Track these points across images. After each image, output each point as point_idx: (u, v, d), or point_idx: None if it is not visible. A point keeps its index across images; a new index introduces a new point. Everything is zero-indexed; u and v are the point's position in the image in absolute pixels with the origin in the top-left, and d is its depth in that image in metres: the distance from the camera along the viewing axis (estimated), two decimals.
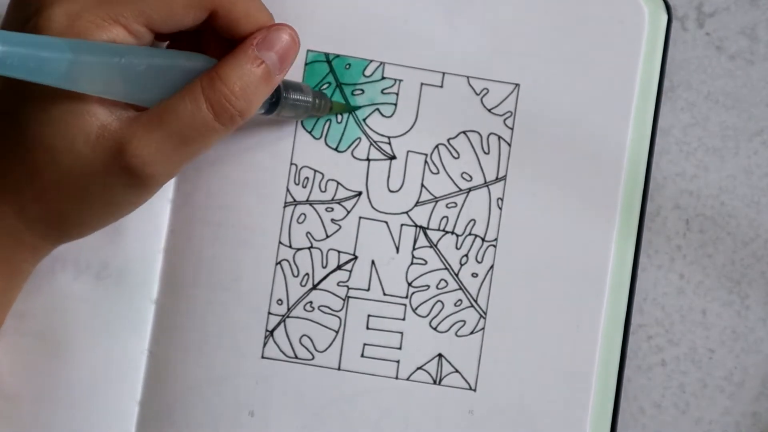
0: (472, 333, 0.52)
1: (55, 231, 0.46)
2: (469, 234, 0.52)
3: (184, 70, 0.44)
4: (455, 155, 0.53)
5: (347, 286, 0.52)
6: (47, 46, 0.40)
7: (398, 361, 0.52)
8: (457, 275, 0.52)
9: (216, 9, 0.45)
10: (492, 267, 0.52)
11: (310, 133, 0.52)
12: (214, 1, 0.45)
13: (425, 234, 0.52)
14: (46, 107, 0.43)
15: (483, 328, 0.52)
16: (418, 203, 0.52)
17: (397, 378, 0.52)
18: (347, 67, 0.52)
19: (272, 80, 0.46)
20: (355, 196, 0.52)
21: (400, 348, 0.52)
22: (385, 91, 0.53)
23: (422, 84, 0.52)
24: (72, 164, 0.44)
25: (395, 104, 0.53)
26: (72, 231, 0.47)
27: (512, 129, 0.53)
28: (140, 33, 0.44)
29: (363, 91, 0.53)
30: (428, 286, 0.52)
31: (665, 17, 0.53)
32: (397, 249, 0.52)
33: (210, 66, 0.45)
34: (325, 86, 0.52)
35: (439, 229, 0.52)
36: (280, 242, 0.52)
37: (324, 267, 0.52)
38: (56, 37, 0.42)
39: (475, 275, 0.52)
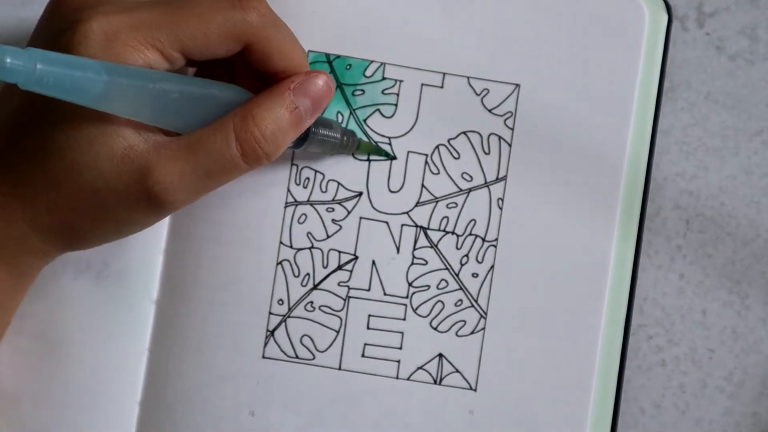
0: (472, 333, 0.52)
1: (63, 241, 0.46)
2: (470, 234, 0.52)
3: (216, 101, 0.45)
4: (456, 155, 0.53)
5: (348, 286, 0.52)
6: (84, 67, 0.41)
7: (399, 361, 0.52)
8: (457, 275, 0.52)
9: (251, 42, 0.45)
10: (492, 267, 0.52)
11: None
12: (249, 34, 0.45)
13: (426, 234, 0.52)
14: (74, 122, 0.43)
15: (483, 328, 0.52)
16: (418, 203, 0.53)
17: (397, 378, 0.52)
18: (348, 67, 0.52)
19: (302, 125, 0.46)
20: (355, 196, 0.52)
21: (400, 348, 0.52)
22: (386, 92, 0.53)
23: (422, 84, 0.53)
24: (92, 180, 0.44)
25: (396, 105, 0.53)
26: (80, 243, 0.47)
27: (512, 129, 0.53)
28: (174, 59, 0.44)
29: (363, 91, 0.53)
30: (429, 286, 0.52)
31: (665, 17, 0.53)
32: (398, 249, 0.52)
33: (242, 98, 0.45)
34: None
35: (439, 230, 0.52)
36: (280, 242, 0.52)
37: (325, 267, 0.52)
38: (93, 59, 0.42)
39: (475, 275, 0.52)
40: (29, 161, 0.45)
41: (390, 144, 0.53)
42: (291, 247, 0.52)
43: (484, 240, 0.52)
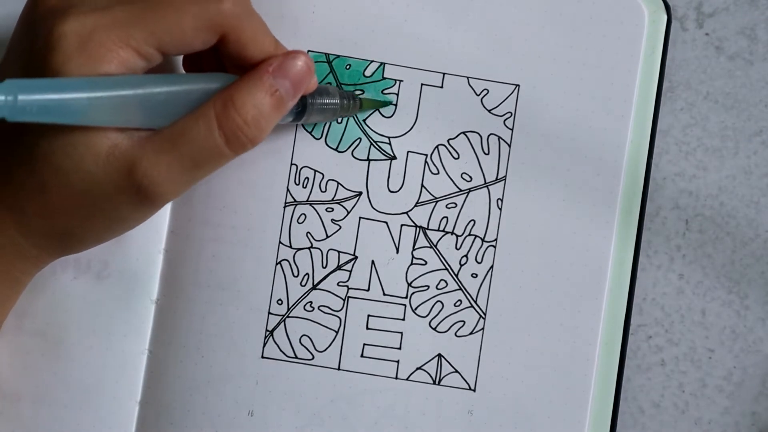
0: (471, 333, 0.52)
1: (57, 245, 0.46)
2: (469, 234, 0.52)
3: (203, 93, 0.44)
4: (455, 156, 0.53)
5: (347, 286, 0.52)
6: (65, 87, 0.40)
7: (398, 361, 0.52)
8: (456, 275, 0.52)
9: (226, 32, 0.44)
10: (492, 267, 0.52)
11: (310, 133, 0.52)
12: (224, 24, 0.44)
13: (425, 234, 0.52)
14: (56, 127, 0.43)
15: (482, 329, 0.52)
16: (418, 203, 0.53)
17: (396, 378, 0.52)
18: (347, 67, 0.52)
19: (285, 107, 0.46)
20: (355, 196, 0.52)
21: (399, 348, 0.52)
22: (386, 92, 0.53)
23: (422, 84, 0.53)
24: (80, 183, 0.44)
25: (395, 104, 0.53)
26: (74, 246, 0.47)
27: (512, 130, 0.53)
28: (150, 55, 0.44)
29: (363, 91, 0.53)
30: (428, 287, 0.52)
31: (665, 17, 0.53)
32: (397, 249, 0.52)
33: (227, 83, 0.45)
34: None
35: (438, 230, 0.52)
36: (280, 242, 0.52)
37: (324, 267, 0.52)
38: (73, 77, 0.41)
39: (474, 275, 0.52)
40: (15, 169, 0.44)
41: (390, 144, 0.53)
42: (290, 246, 0.52)
43: (483, 240, 0.52)
